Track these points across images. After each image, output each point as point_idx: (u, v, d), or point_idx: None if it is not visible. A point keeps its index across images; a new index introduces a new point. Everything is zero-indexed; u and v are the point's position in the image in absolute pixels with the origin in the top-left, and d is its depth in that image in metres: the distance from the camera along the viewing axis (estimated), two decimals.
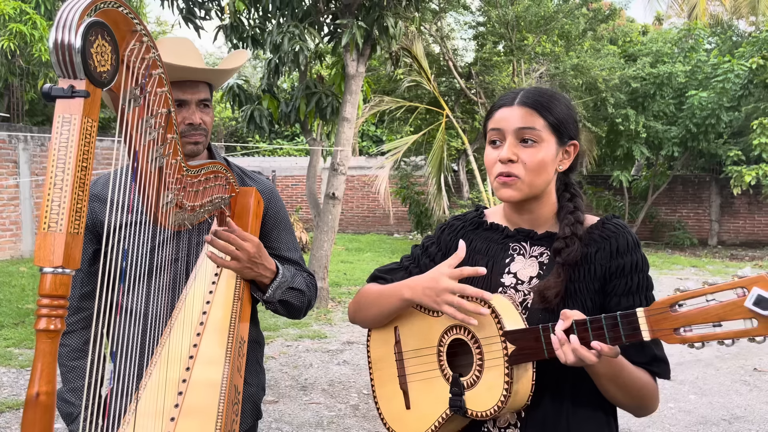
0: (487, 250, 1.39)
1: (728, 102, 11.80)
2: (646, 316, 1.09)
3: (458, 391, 1.27)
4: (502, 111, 1.31)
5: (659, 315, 1.08)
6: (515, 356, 1.21)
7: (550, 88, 1.36)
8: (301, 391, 4.86)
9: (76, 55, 0.86)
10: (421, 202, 12.93)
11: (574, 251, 1.27)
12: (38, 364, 0.86)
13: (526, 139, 1.28)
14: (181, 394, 1.34)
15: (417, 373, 1.37)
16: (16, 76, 11.20)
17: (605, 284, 1.30)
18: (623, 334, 1.11)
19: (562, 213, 1.34)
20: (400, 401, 1.39)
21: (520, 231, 1.37)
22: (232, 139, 20.71)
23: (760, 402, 4.68)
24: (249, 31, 6.68)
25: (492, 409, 1.21)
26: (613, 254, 1.29)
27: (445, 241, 1.47)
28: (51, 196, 0.86)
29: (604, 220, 1.34)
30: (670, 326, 1.07)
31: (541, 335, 1.19)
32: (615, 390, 1.25)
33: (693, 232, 14.26)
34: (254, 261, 1.47)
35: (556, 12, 12.46)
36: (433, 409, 1.32)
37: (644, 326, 1.09)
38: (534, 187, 1.30)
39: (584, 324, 1.14)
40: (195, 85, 1.56)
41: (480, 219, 1.45)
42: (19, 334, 6.20)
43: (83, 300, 1.62)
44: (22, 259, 10.89)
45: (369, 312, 1.44)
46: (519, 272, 1.34)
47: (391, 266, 1.52)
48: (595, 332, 1.13)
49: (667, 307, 1.07)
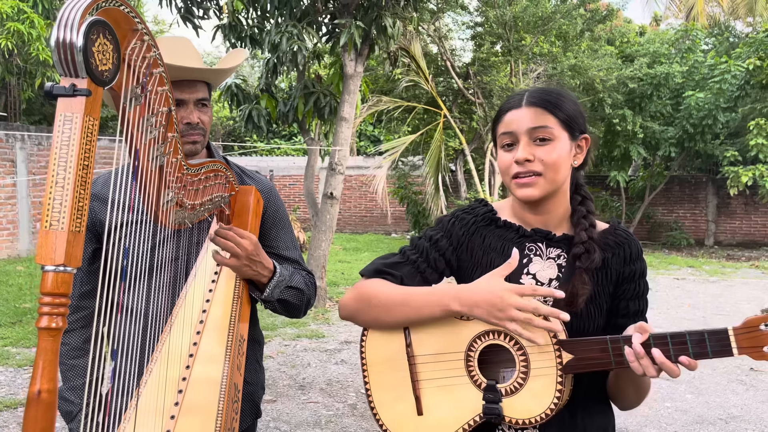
0: (502, 249, 1.36)
1: (725, 103, 11.83)
2: (735, 334, 1.14)
3: (494, 398, 1.24)
4: (511, 114, 1.31)
5: (750, 334, 1.14)
6: (572, 366, 1.21)
7: (553, 87, 1.37)
8: (299, 390, 4.86)
9: (78, 54, 0.86)
10: (418, 202, 12.95)
11: (597, 258, 1.29)
12: (40, 361, 0.86)
13: (539, 137, 1.28)
14: (181, 392, 1.34)
15: (435, 378, 1.31)
16: (13, 75, 11.18)
17: (616, 288, 1.34)
18: (710, 350, 1.15)
19: (576, 217, 1.35)
20: (407, 407, 1.32)
21: (538, 232, 1.35)
22: (230, 138, 20.70)
23: (757, 401, 4.70)
24: (247, 31, 6.68)
25: (539, 416, 1.22)
26: (627, 260, 1.34)
27: (457, 236, 1.39)
28: (53, 194, 0.86)
29: (614, 226, 1.38)
30: (760, 344, 1.13)
31: (608, 346, 1.20)
32: (633, 391, 1.31)
33: (690, 233, 14.30)
34: (252, 259, 1.47)
35: (554, 12, 12.48)
36: (455, 416, 1.27)
37: (734, 344, 1.14)
38: (554, 183, 1.30)
39: (664, 338, 1.17)
40: (193, 85, 1.56)
41: (493, 215, 1.41)
42: (17, 333, 6.19)
43: (83, 299, 1.62)
44: (19, 258, 10.87)
45: (385, 315, 1.33)
46: (538, 273, 1.34)
47: (395, 259, 1.41)
48: (675, 347, 1.16)
49: (757, 326, 1.13)
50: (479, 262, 1.37)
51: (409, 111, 12.71)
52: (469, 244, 1.38)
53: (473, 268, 1.38)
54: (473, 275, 1.35)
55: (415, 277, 1.38)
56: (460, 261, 1.39)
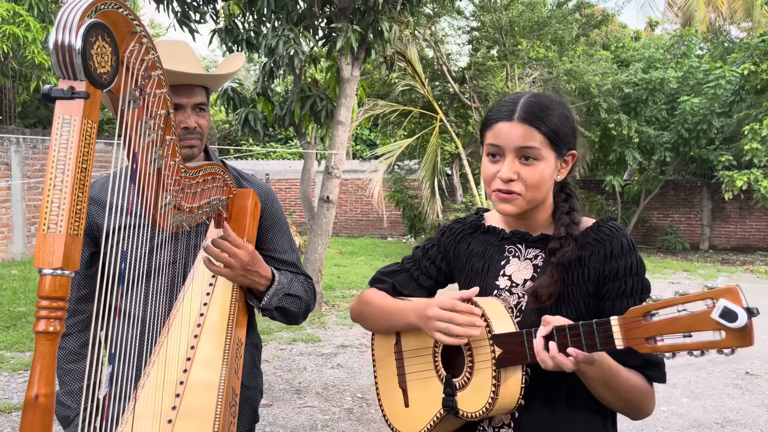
0: (483, 252, 1.41)
1: (720, 108, 11.88)
2: (620, 324, 1.09)
3: (450, 391, 1.28)
4: (501, 125, 1.28)
5: (632, 324, 1.08)
6: (502, 360, 1.22)
7: (547, 96, 1.33)
8: (295, 394, 4.85)
9: (77, 57, 0.86)
10: (414, 206, 12.95)
11: (569, 251, 1.28)
12: (37, 365, 0.86)
13: (525, 156, 1.27)
14: (178, 396, 1.33)
15: (415, 372, 1.40)
16: (8, 78, 11.14)
17: (599, 288, 1.29)
18: (598, 341, 1.11)
19: (558, 213, 1.34)
20: (400, 399, 1.43)
21: (516, 233, 1.38)
22: (226, 142, 20.67)
23: (753, 405, 4.70)
24: (244, 35, 6.68)
25: (480, 411, 1.23)
26: (607, 257, 1.29)
27: (444, 245, 1.50)
28: (50, 197, 0.86)
29: (600, 222, 1.34)
30: (643, 335, 1.07)
31: (524, 340, 1.20)
32: (606, 393, 1.25)
33: (685, 237, 14.33)
34: (248, 269, 1.45)
35: (550, 17, 12.52)
36: (429, 408, 1.34)
37: (618, 335, 1.09)
38: (533, 202, 1.30)
39: (563, 330, 1.15)
40: (191, 89, 1.55)
41: (479, 222, 1.47)
42: (11, 338, 6.16)
43: (80, 303, 1.61)
44: (13, 262, 10.82)
45: (376, 325, 1.49)
46: (513, 275, 1.35)
47: (392, 267, 1.55)
48: (573, 339, 1.14)
49: (639, 316, 1.07)
50: (463, 268, 1.45)
51: (405, 115, 12.72)
52: (455, 251, 1.47)
53: (460, 273, 1.46)
54: (460, 279, 1.46)
55: (410, 284, 1.50)
56: (450, 267, 1.49)
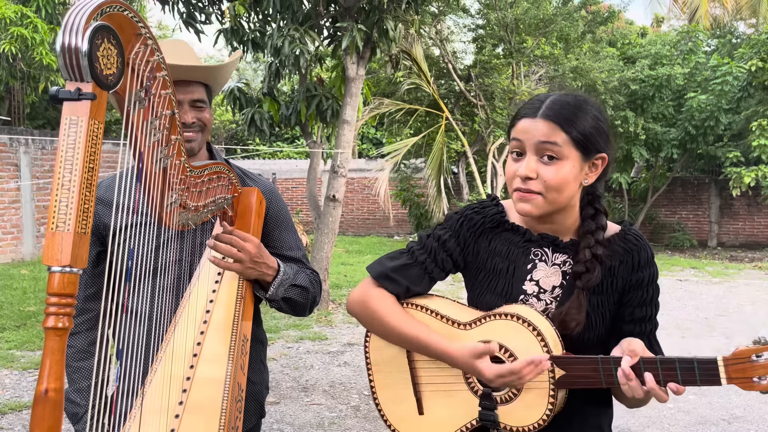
0: (507, 253, 1.34)
1: (727, 104, 11.83)
2: (725, 365, 1.13)
3: (490, 405, 1.28)
4: (524, 122, 1.25)
5: (740, 365, 1.12)
6: (564, 382, 1.23)
7: (577, 97, 1.28)
8: (302, 392, 4.87)
9: (83, 59, 0.88)
10: (421, 205, 12.96)
11: (596, 277, 1.27)
12: (47, 361, 0.88)
13: (547, 154, 1.22)
14: (185, 391, 1.36)
15: (436, 383, 1.36)
16: (17, 79, 11.22)
17: (623, 295, 1.31)
18: (698, 378, 1.14)
19: (583, 230, 1.31)
20: (410, 406, 1.39)
21: (545, 237, 1.33)
22: (233, 141, 20.73)
23: (759, 402, 4.69)
24: (249, 35, 6.70)
25: (530, 426, 1.25)
26: (635, 268, 1.30)
27: (464, 237, 1.38)
28: (59, 196, 0.88)
29: (625, 230, 1.33)
30: (750, 375, 1.12)
31: (599, 366, 1.20)
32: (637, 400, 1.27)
33: (692, 234, 14.27)
34: (256, 261, 1.48)
35: (555, 15, 12.48)
36: (453, 418, 1.34)
37: (723, 374, 1.13)
38: (555, 204, 1.25)
39: (654, 363, 1.16)
40: (188, 85, 1.56)
41: (501, 217, 1.37)
42: (21, 337, 6.21)
43: (88, 301, 1.63)
44: (23, 262, 10.90)
45: (384, 336, 1.38)
46: (542, 281, 1.32)
47: (402, 261, 1.39)
48: (665, 372, 1.16)
49: (747, 358, 1.11)
50: (483, 266, 1.37)
51: (410, 113, 12.73)
52: (475, 247, 1.37)
53: (477, 270, 1.38)
54: (477, 276, 1.37)
55: (423, 279, 1.38)
56: (466, 261, 1.39)
